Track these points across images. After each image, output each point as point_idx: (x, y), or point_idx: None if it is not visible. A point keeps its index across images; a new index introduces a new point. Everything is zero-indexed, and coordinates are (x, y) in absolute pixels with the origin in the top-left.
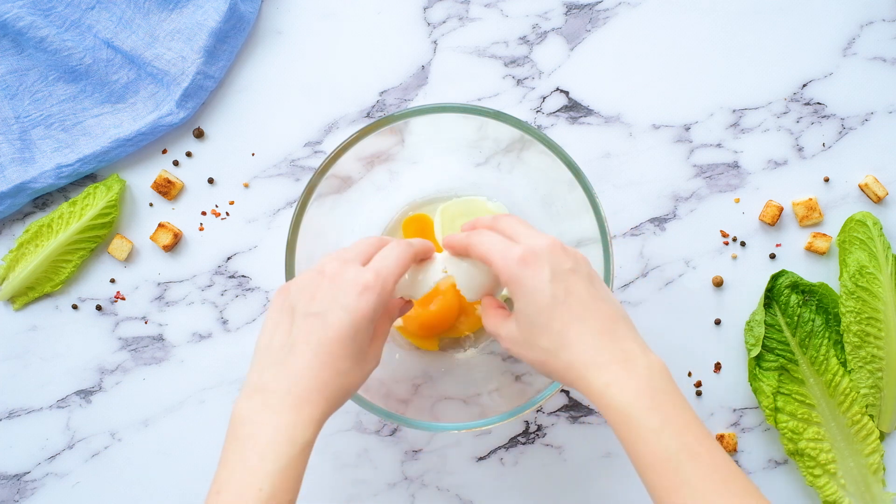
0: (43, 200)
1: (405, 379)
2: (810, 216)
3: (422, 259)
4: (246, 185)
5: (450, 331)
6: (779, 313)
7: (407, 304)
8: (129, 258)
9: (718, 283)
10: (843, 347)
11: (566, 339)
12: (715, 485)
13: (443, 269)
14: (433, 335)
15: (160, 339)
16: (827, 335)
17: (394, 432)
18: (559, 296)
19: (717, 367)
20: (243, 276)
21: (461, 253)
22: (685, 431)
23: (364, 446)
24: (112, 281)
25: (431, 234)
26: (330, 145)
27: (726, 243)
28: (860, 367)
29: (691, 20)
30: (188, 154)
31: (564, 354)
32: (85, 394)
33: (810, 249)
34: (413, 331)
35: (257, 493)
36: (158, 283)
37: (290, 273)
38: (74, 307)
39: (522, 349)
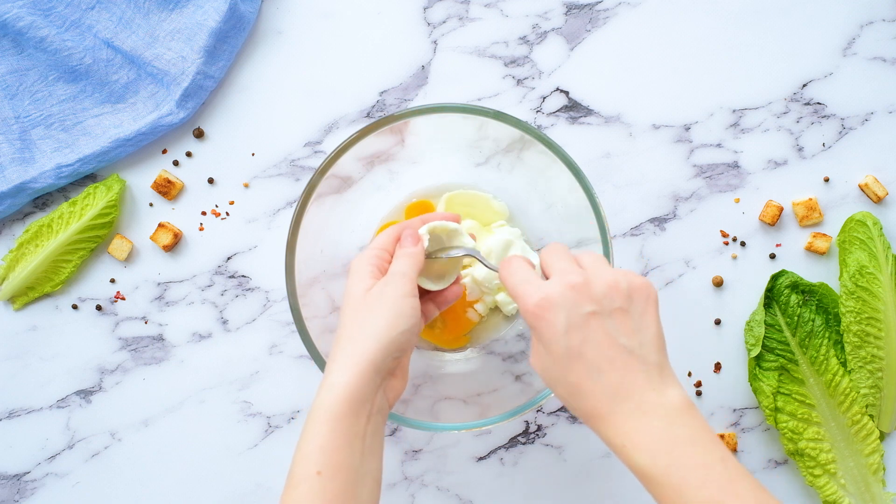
0: (43, 200)
1: None
2: (810, 216)
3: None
4: (246, 185)
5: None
6: (779, 313)
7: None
8: (129, 258)
9: (718, 283)
10: (843, 347)
11: (581, 391)
12: None
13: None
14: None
15: (160, 339)
16: (827, 335)
17: (394, 432)
18: (573, 347)
19: (717, 367)
20: (243, 276)
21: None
22: (707, 481)
23: None
24: (112, 281)
25: None
26: (330, 145)
27: (726, 243)
28: (860, 367)
29: (691, 20)
30: (188, 154)
31: (581, 404)
32: (85, 394)
33: (810, 249)
34: (443, 335)
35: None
36: (158, 283)
37: (290, 273)
38: (74, 307)
39: (549, 384)
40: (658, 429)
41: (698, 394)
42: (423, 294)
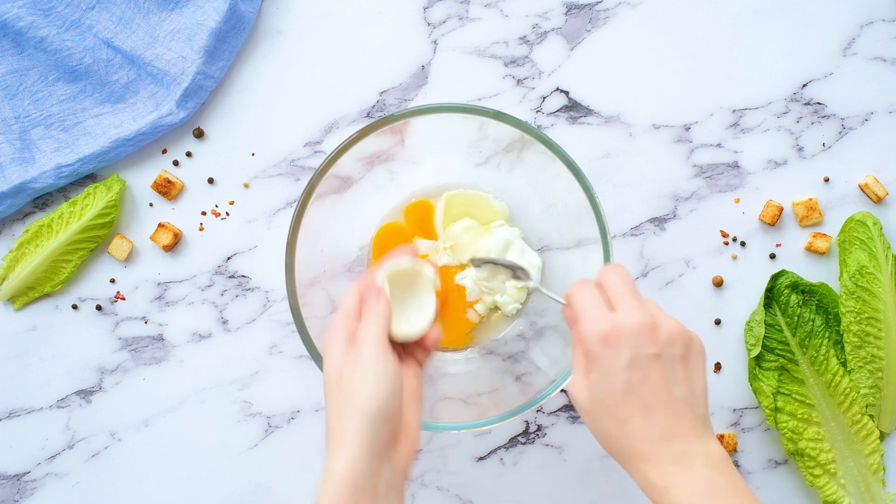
0: (43, 200)
1: None
2: (810, 216)
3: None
4: (246, 185)
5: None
6: (779, 313)
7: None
8: (129, 258)
9: (718, 283)
10: (843, 347)
11: (629, 427)
12: None
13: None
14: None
15: (160, 339)
16: (827, 335)
17: None
18: (633, 383)
19: (717, 367)
20: (243, 276)
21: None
22: None
23: None
24: (112, 281)
25: (431, 219)
26: (330, 145)
27: (726, 243)
28: (860, 367)
29: (691, 20)
30: (188, 154)
31: (626, 442)
32: (85, 394)
33: (810, 249)
34: (443, 335)
35: None
36: (158, 283)
37: (290, 273)
38: (74, 307)
39: (588, 419)
40: (701, 476)
41: None
42: (405, 344)
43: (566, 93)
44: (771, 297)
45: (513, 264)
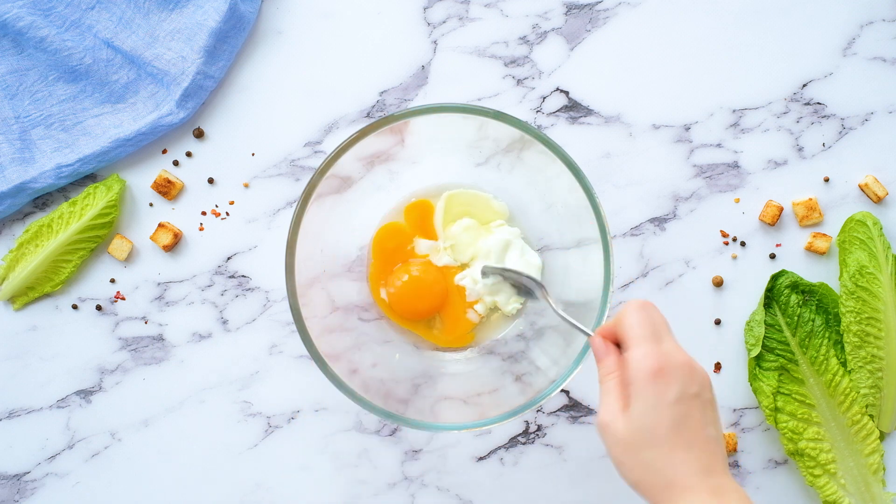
0: (43, 200)
1: (405, 379)
2: (810, 216)
3: None
4: (246, 185)
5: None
6: (779, 313)
7: None
8: (129, 258)
9: (718, 283)
10: (843, 347)
11: (673, 459)
12: None
13: None
14: (411, 311)
15: (160, 339)
16: (827, 335)
17: (394, 432)
18: (678, 419)
19: (717, 367)
20: (243, 276)
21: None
22: None
23: (364, 446)
24: (112, 281)
25: (431, 219)
26: (330, 145)
27: (726, 243)
28: (860, 367)
29: (691, 20)
30: (188, 154)
31: (667, 472)
32: (85, 394)
33: (810, 249)
34: (397, 308)
35: None
36: (158, 283)
37: (290, 273)
38: (74, 307)
39: (623, 449)
40: None
41: None
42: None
43: (566, 93)
44: (771, 297)
45: (533, 281)
